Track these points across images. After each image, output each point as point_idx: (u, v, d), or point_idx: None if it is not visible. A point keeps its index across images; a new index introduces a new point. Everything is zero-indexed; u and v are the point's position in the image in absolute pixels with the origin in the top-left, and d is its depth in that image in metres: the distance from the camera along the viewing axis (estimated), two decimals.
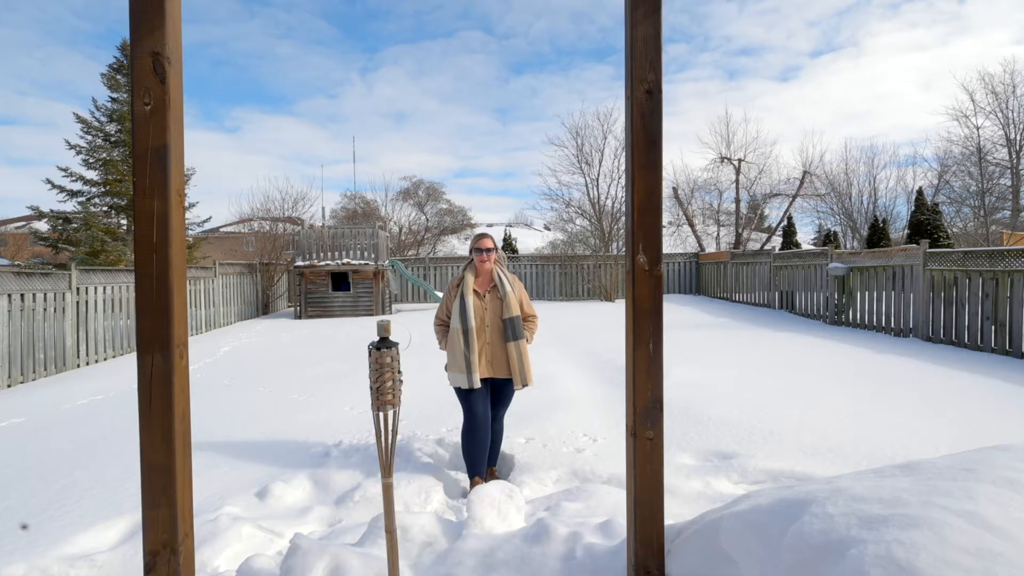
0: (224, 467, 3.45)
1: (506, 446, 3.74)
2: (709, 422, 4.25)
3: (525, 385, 3.21)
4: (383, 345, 1.66)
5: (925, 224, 18.52)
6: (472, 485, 3.15)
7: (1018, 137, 21.91)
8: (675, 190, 21.96)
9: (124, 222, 15.91)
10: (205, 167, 47.67)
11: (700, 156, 34.26)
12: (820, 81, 38.51)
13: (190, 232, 18.04)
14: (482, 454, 3.13)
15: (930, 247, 9.36)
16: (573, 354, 7.49)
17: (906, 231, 22.41)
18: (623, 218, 18.93)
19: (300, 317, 14.16)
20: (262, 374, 6.74)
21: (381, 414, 1.66)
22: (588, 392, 5.42)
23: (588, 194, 18.68)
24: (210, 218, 18.01)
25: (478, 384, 3.10)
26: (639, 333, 1.42)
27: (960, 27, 36.54)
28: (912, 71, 39.18)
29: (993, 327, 7.42)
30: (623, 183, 17.32)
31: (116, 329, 9.03)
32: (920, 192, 18.61)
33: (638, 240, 1.35)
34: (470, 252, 3.36)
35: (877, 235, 19.22)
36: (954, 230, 21.18)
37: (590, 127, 18.74)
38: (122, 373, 7.28)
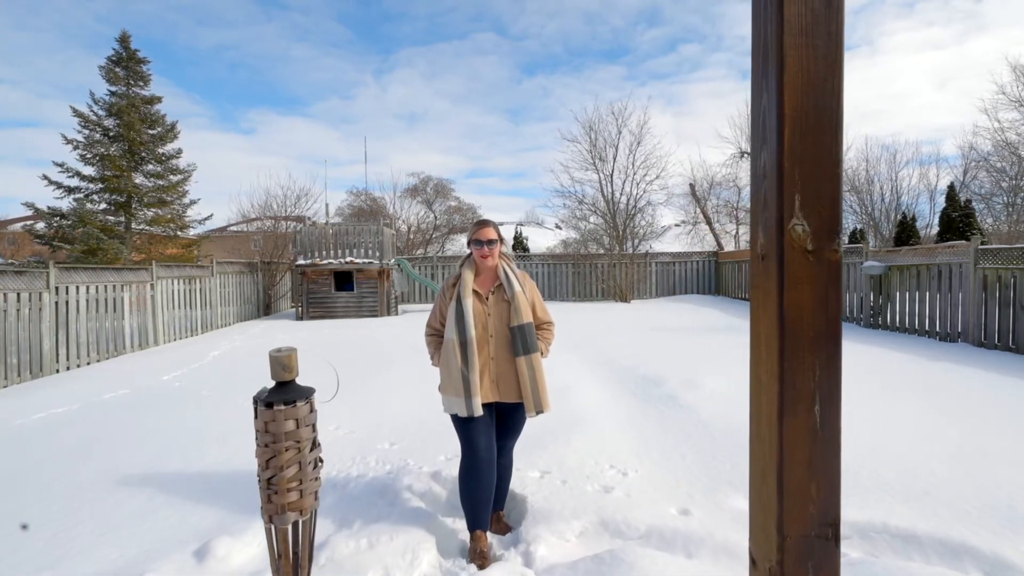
0: (163, 513, 2.79)
1: (516, 482, 3.05)
2: None
3: (540, 412, 2.51)
4: (281, 398, 0.95)
5: (956, 221, 17.53)
6: (473, 540, 2.45)
7: None
8: (692, 186, 21.16)
9: (123, 219, 15.43)
10: (219, 168, 47.53)
11: (719, 151, 33.37)
12: None
13: (192, 231, 17.55)
14: (485, 500, 2.44)
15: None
16: (589, 360, 6.77)
17: (936, 228, 21.39)
18: (638, 216, 18.25)
19: (302, 318, 13.57)
20: (246, 383, 6.11)
21: (276, 527, 0.93)
22: (610, 407, 4.71)
23: (602, 191, 17.94)
24: (211, 215, 17.53)
25: (480, 411, 2.41)
26: (793, 381, 0.70)
27: (976, 25, 35.60)
28: (927, 70, 38.13)
29: None
30: (638, 178, 16.44)
31: (101, 331, 8.47)
32: (952, 187, 17.62)
33: (791, 190, 0.64)
34: (468, 244, 2.66)
35: (906, 233, 18.27)
36: (985, 227, 20.14)
37: (604, 121, 17.93)
38: (102, 380, 6.69)
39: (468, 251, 2.70)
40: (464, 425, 2.48)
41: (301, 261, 13.63)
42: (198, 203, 17.24)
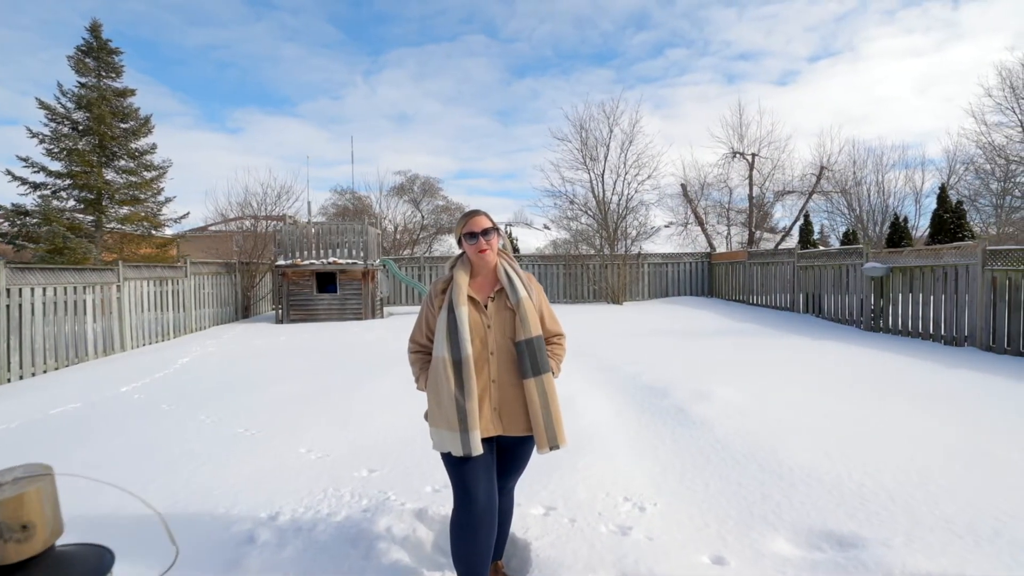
0: None
1: (516, 521, 2.58)
2: (792, 475, 3.10)
3: (555, 448, 2.03)
4: None
5: (948, 223, 17.44)
6: None
7: None
8: (684, 187, 20.82)
9: (93, 217, 14.66)
10: (204, 168, 46.39)
11: (711, 151, 33.28)
12: (818, 85, 38.04)
13: (168, 230, 16.79)
14: (483, 560, 1.95)
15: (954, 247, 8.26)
16: (587, 368, 6.33)
17: (922, 230, 21.32)
18: (629, 216, 17.87)
19: (282, 321, 12.96)
20: (213, 394, 5.56)
21: None
22: (616, 423, 4.26)
23: (593, 191, 17.54)
24: (188, 214, 16.76)
25: (479, 449, 1.93)
26: None
27: (955, 33, 36.31)
28: (908, 76, 38.78)
29: None
30: (629, 178, 16.09)
31: (60, 337, 7.83)
32: (943, 189, 17.50)
33: None
34: (458, 240, 2.17)
35: (898, 234, 18.12)
36: (974, 228, 20.12)
37: (595, 120, 17.60)
38: (55, 391, 6.08)
39: (459, 251, 2.22)
40: (459, 467, 1.98)
41: (281, 261, 13.02)
42: (174, 201, 16.44)
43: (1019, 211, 21.87)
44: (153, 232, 15.93)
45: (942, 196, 17.50)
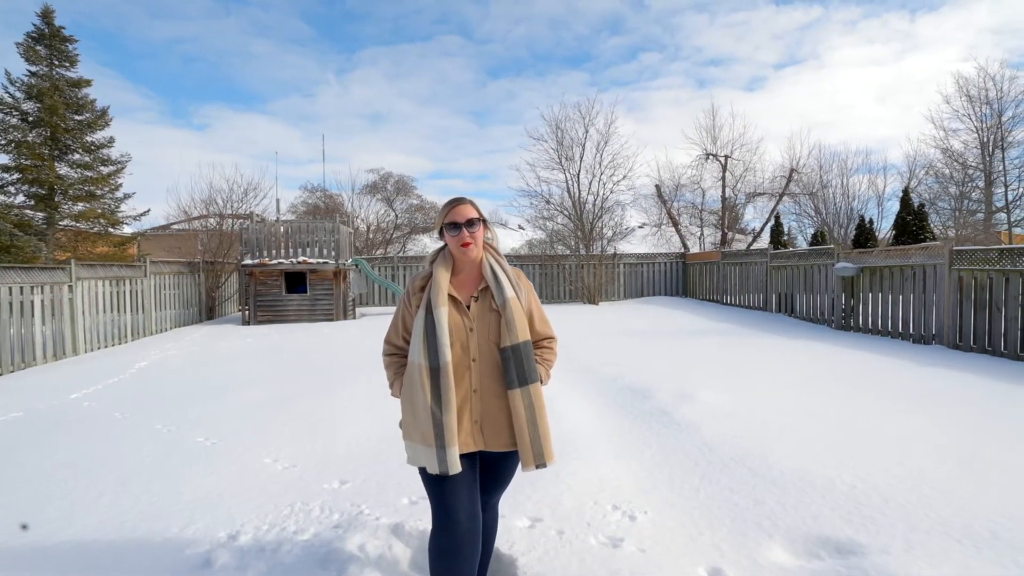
0: None
1: (501, 535, 2.40)
2: (784, 480, 3.00)
3: (542, 465, 1.84)
4: None
5: (911, 224, 17.96)
6: None
7: (990, 140, 21.79)
8: (658, 188, 20.97)
9: (45, 214, 13.87)
10: (168, 165, 44.61)
11: (684, 153, 33.85)
12: (784, 92, 39.15)
13: (127, 227, 16.02)
14: None
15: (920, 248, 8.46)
16: (566, 370, 6.19)
17: (885, 232, 21.97)
18: (605, 216, 17.87)
19: (248, 323, 12.48)
20: (172, 401, 5.22)
21: None
22: (599, 427, 4.12)
23: (568, 191, 17.49)
24: (148, 211, 16.03)
25: (457, 467, 1.73)
26: None
27: (912, 45, 37.89)
28: (869, 84, 40.35)
29: None
30: (604, 178, 16.09)
31: (3, 340, 7.29)
32: (906, 192, 18.03)
33: None
34: (439, 232, 1.97)
35: (864, 235, 18.58)
36: (935, 230, 20.83)
37: (571, 119, 17.48)
38: None
39: (441, 243, 2.02)
40: (437, 485, 1.78)
41: (248, 261, 12.54)
42: (133, 197, 15.67)
43: (976, 214, 22.78)
44: (110, 230, 15.17)
45: (905, 199, 17.99)
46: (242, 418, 4.51)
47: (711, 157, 20.03)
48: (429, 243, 26.76)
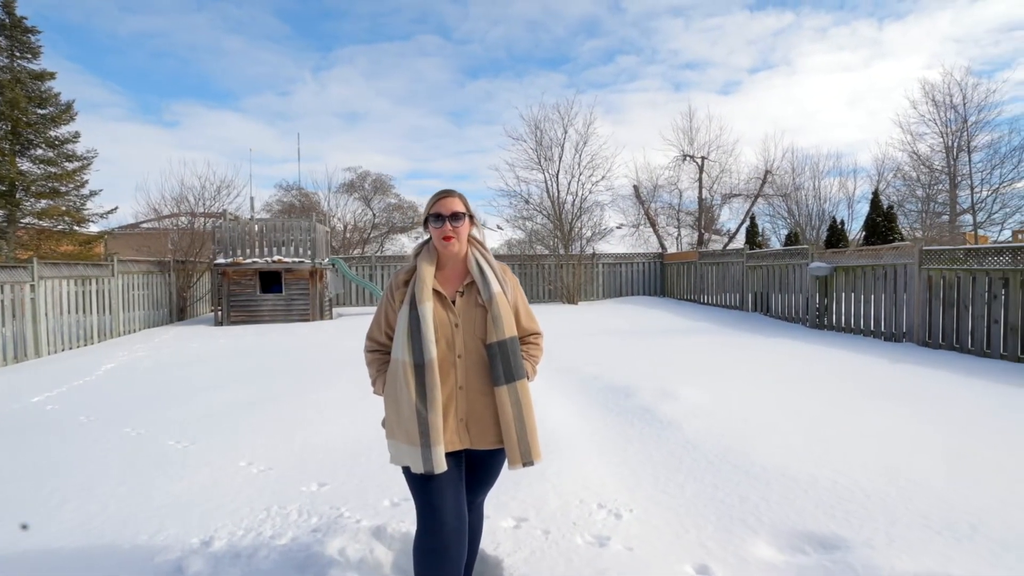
0: None
1: (486, 536, 2.35)
2: (766, 475, 3.02)
3: (529, 464, 1.80)
4: None
5: (880, 226, 18.46)
6: None
7: (954, 145, 22.57)
8: (636, 188, 21.16)
9: (5, 211, 13.32)
10: (137, 163, 43.18)
11: (662, 154, 34.32)
12: (758, 96, 40.03)
13: (93, 225, 15.48)
14: None
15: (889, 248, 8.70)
16: (548, 368, 6.16)
17: (855, 233, 22.56)
18: (584, 216, 17.95)
19: (221, 323, 12.17)
20: (141, 403, 5.03)
21: None
22: (582, 425, 4.10)
23: (548, 191, 17.53)
24: (115, 209, 15.51)
25: (442, 466, 1.68)
26: None
27: (879, 52, 39.19)
28: (839, 90, 41.60)
29: (1003, 331, 6.70)
30: (583, 179, 16.16)
31: None
32: (876, 194, 18.53)
33: None
34: (424, 224, 1.91)
35: (835, 236, 19.04)
36: (904, 232, 21.46)
37: (550, 120, 17.52)
38: None
39: (426, 236, 1.97)
40: (422, 485, 1.73)
41: (221, 260, 12.23)
42: (100, 195, 15.17)
43: (942, 216, 23.56)
44: (75, 228, 14.67)
45: (875, 201, 18.47)
46: (215, 420, 4.36)
47: (688, 158, 20.29)
48: (407, 243, 26.53)
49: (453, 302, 1.85)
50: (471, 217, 1.92)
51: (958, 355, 6.84)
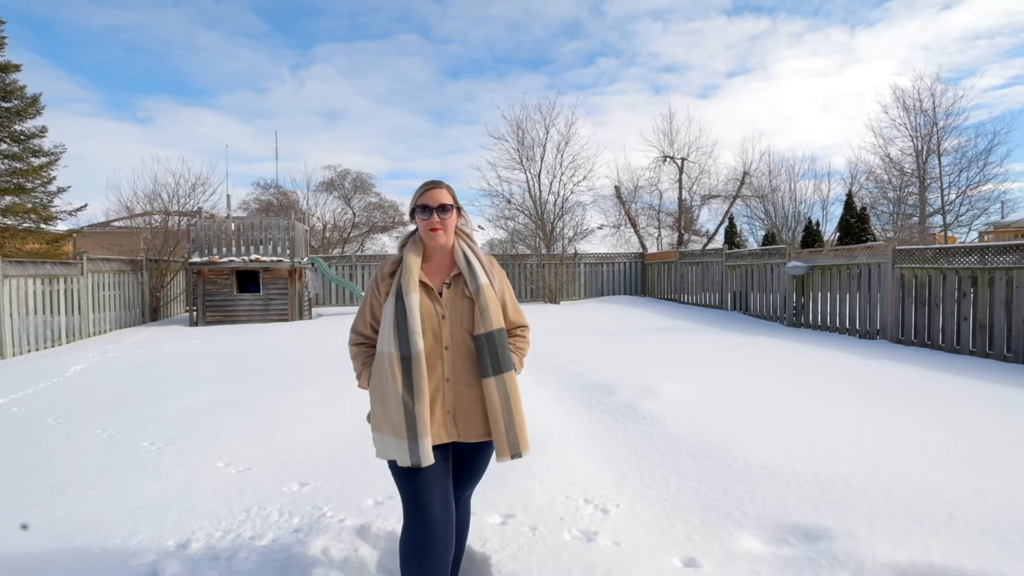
0: None
1: (472, 533, 2.32)
2: (749, 469, 3.05)
3: (517, 455, 1.78)
4: None
5: (854, 227, 18.89)
6: None
7: (924, 148, 23.23)
8: (617, 189, 21.30)
9: None
10: (109, 160, 41.81)
11: (643, 155, 34.69)
12: (735, 100, 40.73)
13: (61, 223, 14.98)
14: None
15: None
16: (531, 367, 6.14)
17: (830, 234, 23.08)
18: (566, 216, 18.01)
19: (197, 324, 11.89)
20: (113, 404, 4.87)
21: None
22: (568, 422, 4.09)
23: (529, 191, 17.55)
24: (85, 206, 15.02)
25: (430, 458, 1.65)
26: None
27: (852, 58, 40.25)
28: (813, 95, 42.62)
29: (972, 328, 6.90)
30: (565, 179, 16.21)
31: None
32: (850, 196, 18.98)
33: None
34: (411, 214, 1.88)
35: (811, 237, 19.43)
36: (876, 233, 22.00)
37: (532, 120, 17.55)
38: None
39: (413, 231, 1.94)
40: (408, 478, 1.69)
41: (196, 259, 11.95)
42: (69, 192, 14.67)
43: (912, 217, 24.22)
44: (42, 226, 14.16)
45: (849, 202, 18.88)
46: (191, 421, 4.24)
47: (668, 159, 20.51)
48: (388, 242, 26.28)
49: (440, 294, 1.82)
50: (459, 210, 1.90)
51: (930, 351, 7.02)
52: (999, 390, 4.71)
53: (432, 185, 1.84)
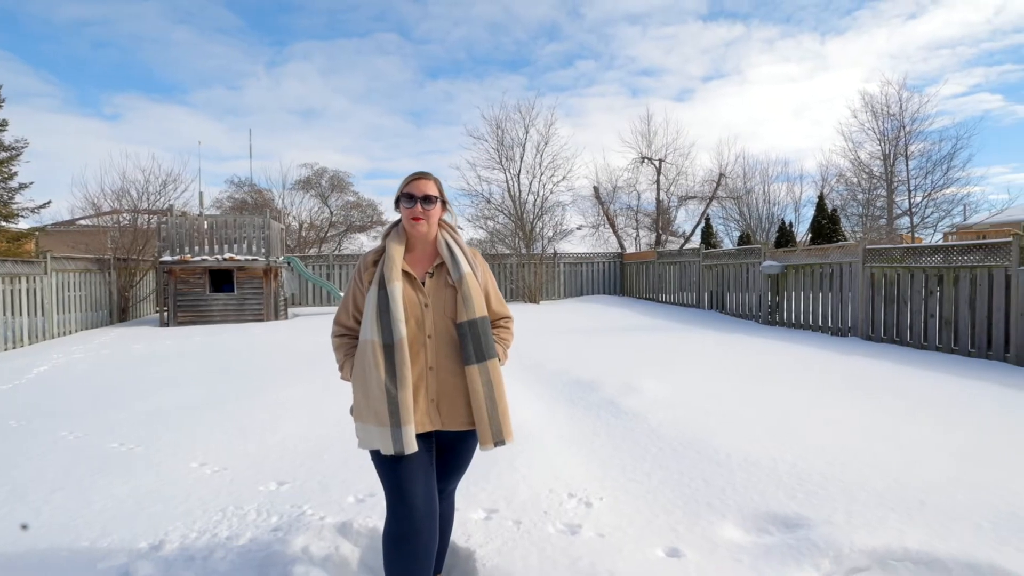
0: None
1: (456, 528, 2.29)
2: (730, 461, 3.08)
3: (500, 443, 1.77)
4: None
5: (825, 228, 19.35)
6: None
7: (891, 152, 23.96)
8: (596, 189, 21.47)
9: None
10: (74, 157, 40.35)
11: (621, 156, 34.99)
12: (711, 104, 41.45)
13: (23, 221, 14.45)
14: (425, 573, 1.65)
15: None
16: (512, 365, 6.13)
17: (803, 235, 23.64)
18: (545, 216, 18.07)
19: (168, 324, 11.58)
20: (80, 406, 4.70)
21: None
22: (550, 418, 4.09)
23: (509, 191, 17.55)
24: (48, 203, 14.53)
25: (413, 446, 1.63)
26: None
27: (822, 64, 41.39)
28: (786, 100, 43.71)
29: (938, 324, 7.13)
30: (544, 179, 16.26)
31: None
32: (821, 198, 19.45)
33: None
34: (396, 204, 1.87)
35: (785, 238, 19.85)
36: (846, 234, 22.59)
37: (511, 120, 17.56)
38: None
39: (396, 221, 1.91)
40: (391, 469, 1.67)
41: (167, 258, 11.64)
42: (31, 188, 14.16)
43: (880, 219, 24.95)
44: (3, 223, 13.65)
45: (820, 204, 19.33)
46: (163, 422, 4.12)
47: (646, 160, 20.73)
48: (366, 241, 26.00)
49: (423, 283, 1.80)
50: (444, 203, 1.88)
51: (899, 347, 7.22)
52: (966, 383, 4.87)
53: (419, 176, 1.83)
